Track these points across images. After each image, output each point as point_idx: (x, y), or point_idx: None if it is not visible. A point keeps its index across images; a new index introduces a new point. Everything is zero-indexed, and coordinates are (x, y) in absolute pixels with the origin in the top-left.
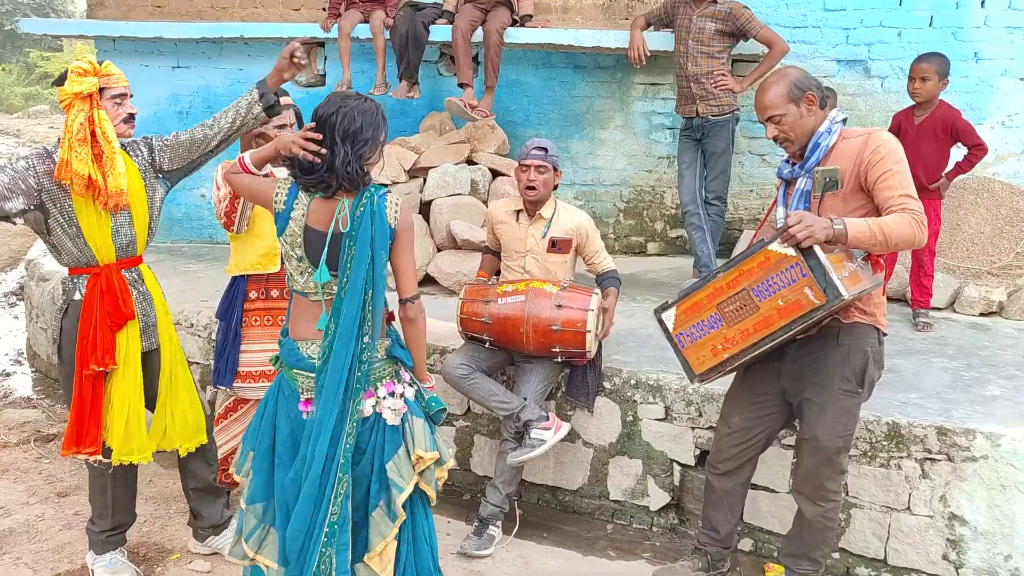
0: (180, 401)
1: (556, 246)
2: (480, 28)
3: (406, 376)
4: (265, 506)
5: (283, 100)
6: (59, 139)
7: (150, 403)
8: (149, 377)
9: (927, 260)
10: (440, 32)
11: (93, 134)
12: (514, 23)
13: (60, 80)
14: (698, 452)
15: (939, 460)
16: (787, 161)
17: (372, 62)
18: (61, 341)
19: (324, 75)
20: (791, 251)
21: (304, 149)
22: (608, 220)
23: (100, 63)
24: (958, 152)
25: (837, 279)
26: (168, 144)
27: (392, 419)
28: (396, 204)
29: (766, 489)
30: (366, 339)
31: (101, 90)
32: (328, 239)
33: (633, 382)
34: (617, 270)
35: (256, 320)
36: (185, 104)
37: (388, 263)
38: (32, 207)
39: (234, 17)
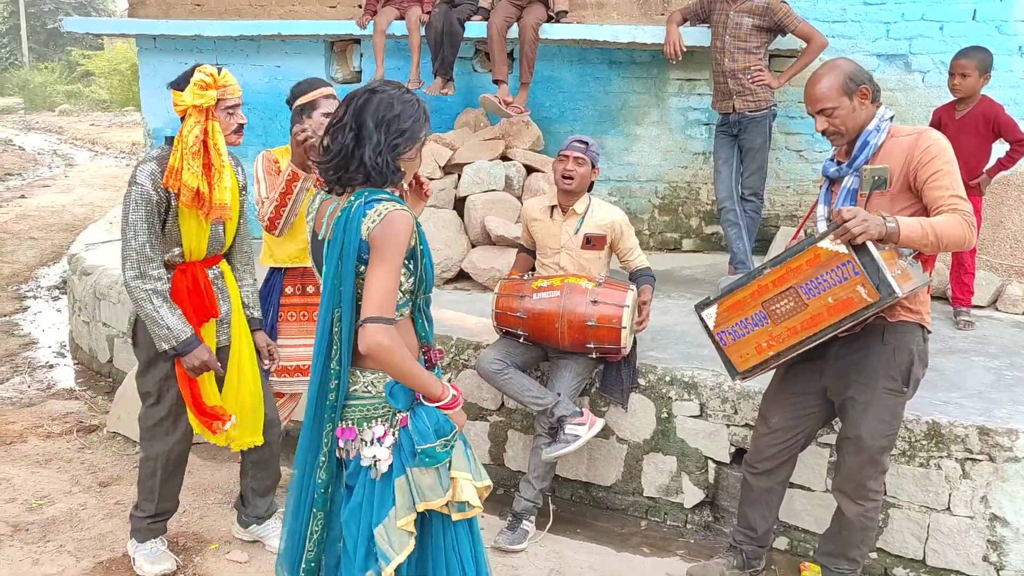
0: (243, 398)
1: (590, 242)
2: (515, 24)
3: (403, 422)
4: None
5: (321, 92)
6: (168, 140)
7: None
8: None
9: (967, 258)
10: (475, 29)
11: (205, 145)
12: (549, 19)
13: (178, 84)
14: (733, 450)
15: (980, 460)
16: (832, 159)
17: (407, 59)
18: (138, 327)
19: (359, 72)
20: (842, 248)
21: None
22: (643, 216)
23: (219, 71)
24: (1000, 148)
25: (891, 277)
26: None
27: (375, 472)
28: (379, 215)
29: (802, 487)
30: (333, 364)
31: (217, 101)
32: (326, 244)
33: (668, 379)
34: (651, 267)
35: (292, 316)
36: None
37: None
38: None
39: (272, 15)
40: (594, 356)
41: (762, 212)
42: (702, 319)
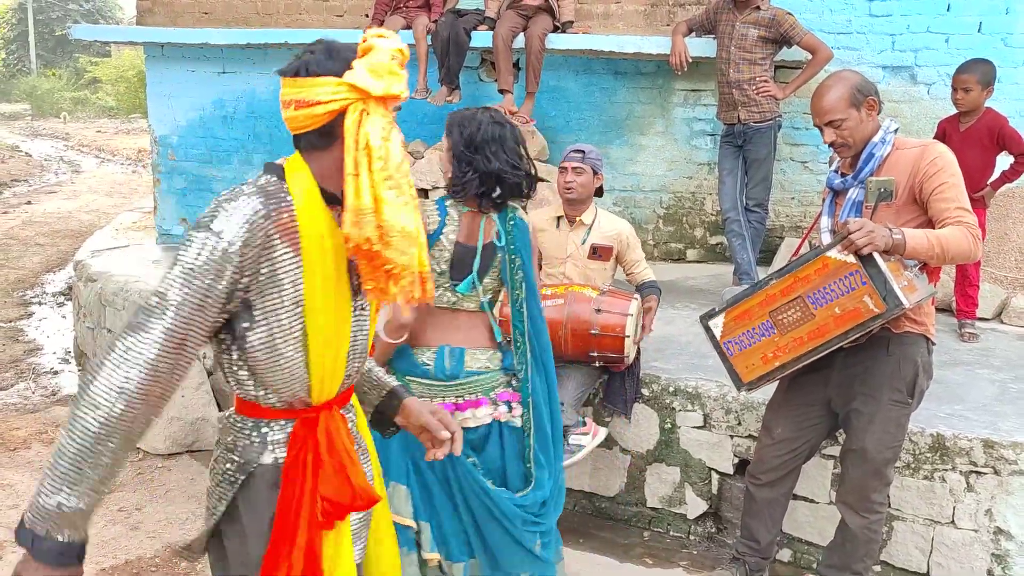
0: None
1: (597, 253)
2: (521, 34)
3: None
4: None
5: None
6: (275, 173)
7: None
8: None
9: (972, 270)
10: (481, 38)
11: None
12: (555, 29)
13: (301, 68)
14: (737, 461)
15: (985, 473)
16: (836, 171)
17: (413, 67)
18: (226, 529)
19: None
20: (851, 258)
21: None
22: (647, 227)
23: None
24: (1005, 161)
25: (897, 288)
26: None
27: (518, 421)
28: (528, 224)
29: (806, 499)
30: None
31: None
32: (479, 251)
33: (672, 389)
34: (657, 281)
35: None
36: (230, 109)
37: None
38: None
39: (279, 23)
40: (597, 365)
41: (766, 223)
42: (709, 329)
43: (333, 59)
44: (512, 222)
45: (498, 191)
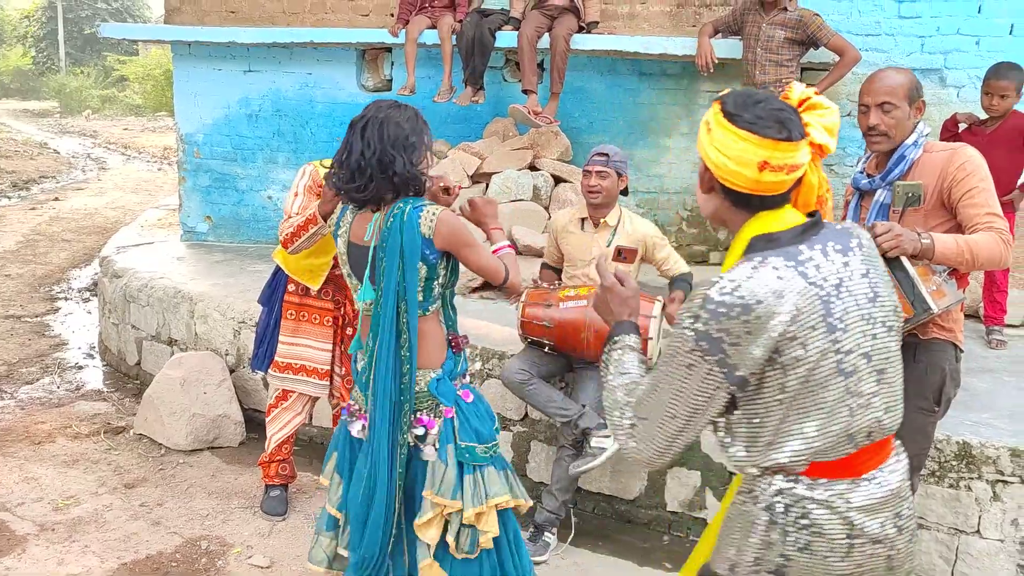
0: None
1: (622, 255)
2: (547, 34)
3: (447, 413)
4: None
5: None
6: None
7: None
8: None
9: (1000, 276)
10: (506, 38)
11: None
12: (580, 30)
13: (795, 133)
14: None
15: (1012, 482)
16: (862, 172)
17: (437, 67)
18: None
19: (390, 80)
20: None
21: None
22: (671, 228)
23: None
24: None
25: (926, 292)
26: None
27: (428, 455)
28: (433, 215)
29: None
30: (404, 352)
31: None
32: (370, 254)
33: None
34: (691, 273)
35: (291, 314)
36: (255, 107)
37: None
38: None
39: (304, 22)
40: None
41: None
42: None
43: (800, 121)
44: (391, 219)
45: (366, 186)
